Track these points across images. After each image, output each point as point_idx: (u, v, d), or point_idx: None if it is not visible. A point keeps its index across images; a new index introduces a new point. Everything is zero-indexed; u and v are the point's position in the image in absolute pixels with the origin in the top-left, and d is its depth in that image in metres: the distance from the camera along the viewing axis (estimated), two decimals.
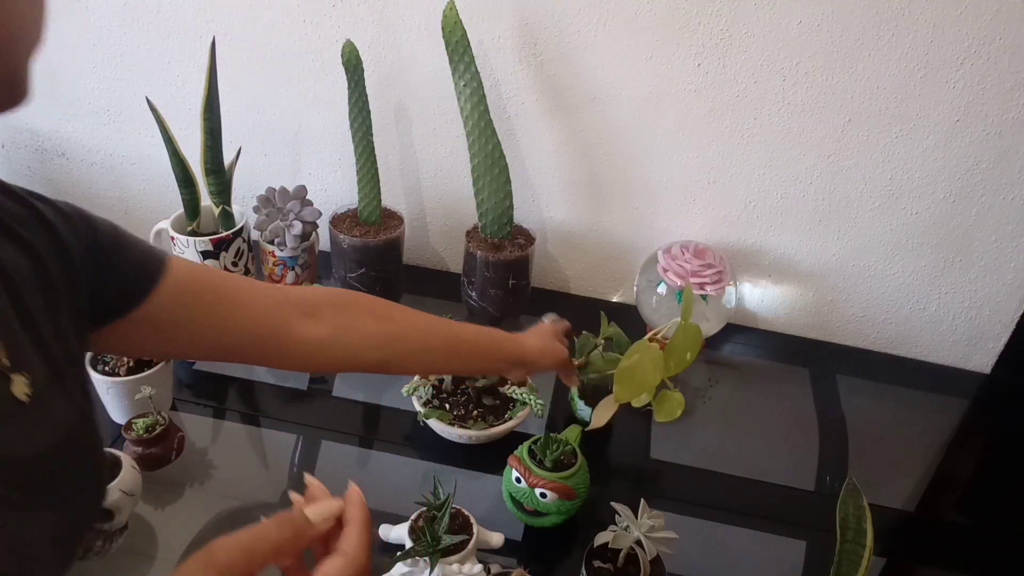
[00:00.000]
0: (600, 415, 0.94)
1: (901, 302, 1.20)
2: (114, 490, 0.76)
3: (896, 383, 1.19)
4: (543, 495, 0.81)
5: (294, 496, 0.52)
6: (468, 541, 0.75)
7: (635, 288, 1.19)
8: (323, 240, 1.20)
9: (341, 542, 0.51)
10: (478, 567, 0.74)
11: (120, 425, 0.90)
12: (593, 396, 0.97)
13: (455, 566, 0.73)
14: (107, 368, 0.90)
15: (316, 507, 0.51)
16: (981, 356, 1.22)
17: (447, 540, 0.73)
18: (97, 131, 1.32)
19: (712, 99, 1.07)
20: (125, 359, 0.89)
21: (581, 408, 1.00)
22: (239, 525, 0.46)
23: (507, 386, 0.97)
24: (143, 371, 0.89)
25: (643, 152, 1.14)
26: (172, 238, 1.12)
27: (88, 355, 0.90)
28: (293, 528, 0.49)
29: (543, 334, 0.85)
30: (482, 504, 0.83)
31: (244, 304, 0.62)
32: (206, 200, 1.15)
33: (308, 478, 0.53)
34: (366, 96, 1.05)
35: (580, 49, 1.07)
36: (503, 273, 1.11)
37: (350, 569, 0.49)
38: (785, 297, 1.23)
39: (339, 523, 0.52)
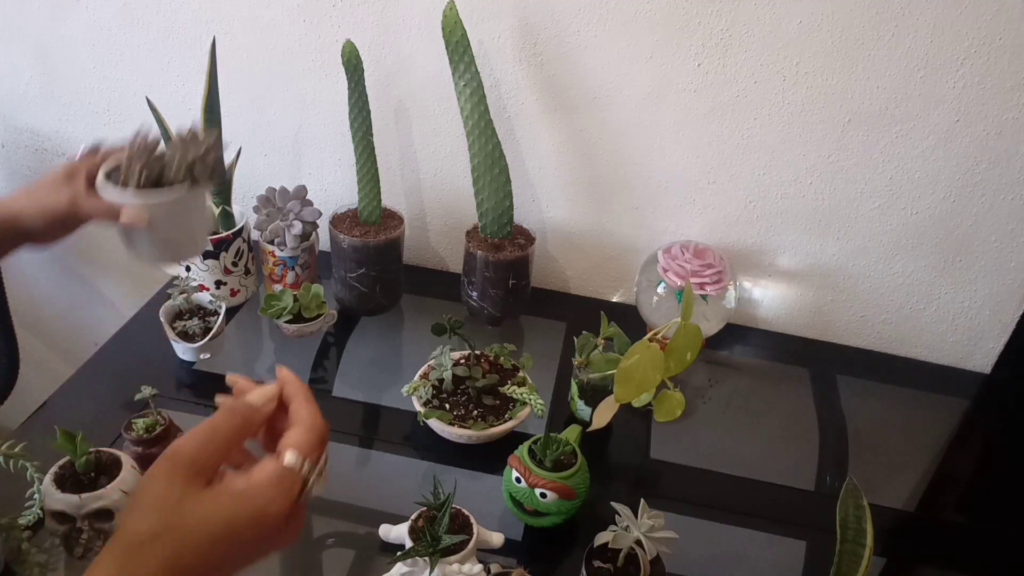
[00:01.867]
0: (601, 416, 0.94)
1: (901, 302, 1.20)
2: (114, 490, 0.76)
3: (896, 383, 1.19)
4: (543, 495, 0.81)
5: (220, 398, 0.53)
6: (468, 541, 0.76)
7: (635, 288, 1.19)
8: (323, 240, 1.20)
9: (292, 415, 0.51)
10: (478, 567, 0.74)
11: (123, 422, 0.90)
12: (593, 396, 0.97)
13: (455, 566, 0.73)
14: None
15: (254, 393, 0.52)
16: (981, 356, 1.22)
17: (447, 540, 0.73)
18: (97, 131, 1.32)
19: (712, 99, 1.07)
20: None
21: (581, 408, 1.00)
22: None
23: (507, 386, 0.97)
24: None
25: (643, 152, 1.14)
26: None
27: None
28: (241, 416, 0.50)
29: (38, 185, 0.71)
30: (482, 504, 0.83)
31: None
32: None
33: (230, 377, 0.55)
34: (366, 96, 1.05)
35: (580, 49, 1.07)
36: (503, 273, 1.11)
37: (312, 433, 0.50)
38: (785, 297, 1.23)
39: (281, 407, 0.52)
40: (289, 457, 0.48)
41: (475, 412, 0.95)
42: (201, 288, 1.10)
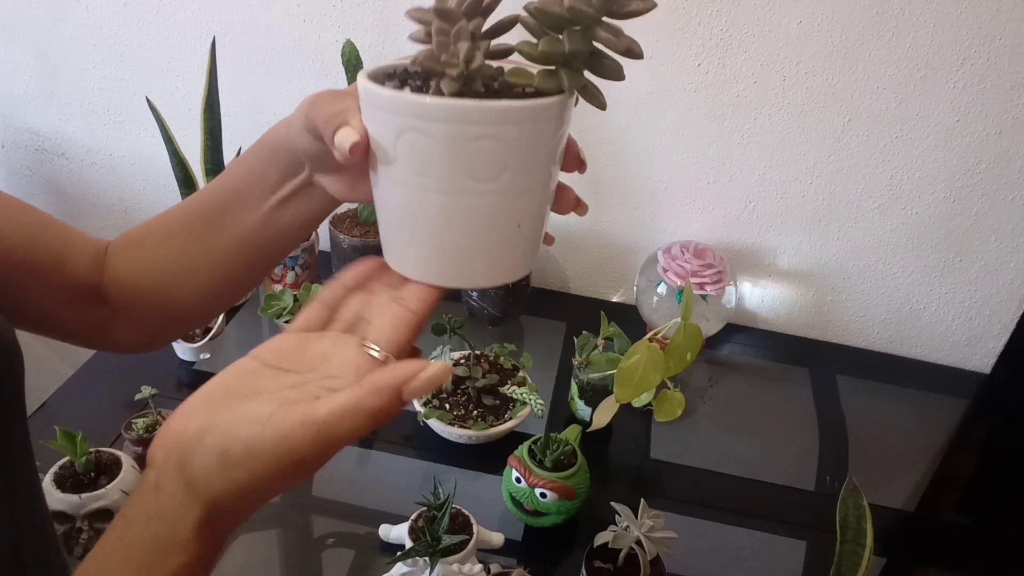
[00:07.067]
0: (601, 416, 0.94)
1: (901, 302, 1.19)
2: (114, 490, 0.76)
3: (896, 383, 1.19)
4: (543, 495, 0.81)
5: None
6: (468, 541, 0.75)
7: (635, 288, 1.19)
8: (323, 240, 1.20)
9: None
10: (478, 567, 0.74)
11: (123, 422, 0.90)
12: (593, 396, 0.97)
13: (455, 566, 0.73)
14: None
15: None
16: (981, 356, 1.22)
17: (447, 540, 0.73)
18: (97, 131, 1.32)
19: (712, 99, 1.07)
20: None
21: (581, 408, 1.00)
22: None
23: (507, 386, 0.97)
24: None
25: (643, 152, 1.14)
26: None
27: None
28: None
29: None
30: (482, 504, 0.83)
31: None
32: None
33: None
34: None
35: None
36: None
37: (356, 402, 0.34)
38: (785, 297, 1.23)
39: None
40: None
41: (475, 412, 0.95)
42: None
